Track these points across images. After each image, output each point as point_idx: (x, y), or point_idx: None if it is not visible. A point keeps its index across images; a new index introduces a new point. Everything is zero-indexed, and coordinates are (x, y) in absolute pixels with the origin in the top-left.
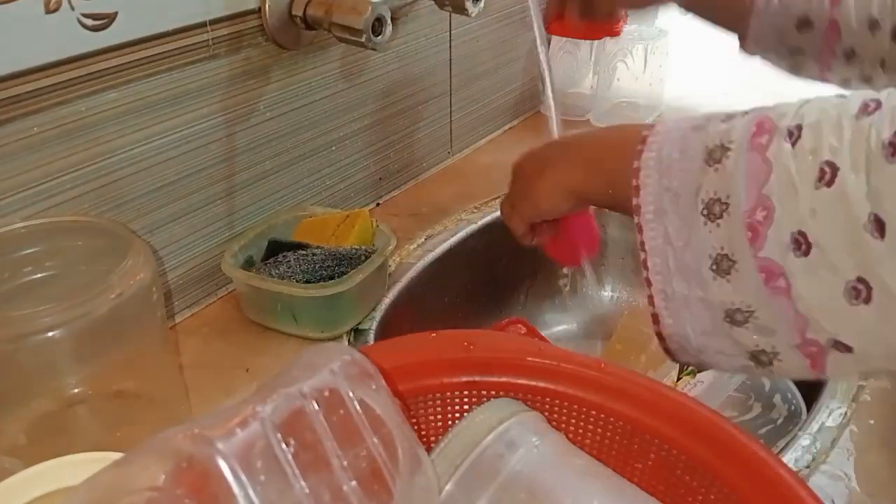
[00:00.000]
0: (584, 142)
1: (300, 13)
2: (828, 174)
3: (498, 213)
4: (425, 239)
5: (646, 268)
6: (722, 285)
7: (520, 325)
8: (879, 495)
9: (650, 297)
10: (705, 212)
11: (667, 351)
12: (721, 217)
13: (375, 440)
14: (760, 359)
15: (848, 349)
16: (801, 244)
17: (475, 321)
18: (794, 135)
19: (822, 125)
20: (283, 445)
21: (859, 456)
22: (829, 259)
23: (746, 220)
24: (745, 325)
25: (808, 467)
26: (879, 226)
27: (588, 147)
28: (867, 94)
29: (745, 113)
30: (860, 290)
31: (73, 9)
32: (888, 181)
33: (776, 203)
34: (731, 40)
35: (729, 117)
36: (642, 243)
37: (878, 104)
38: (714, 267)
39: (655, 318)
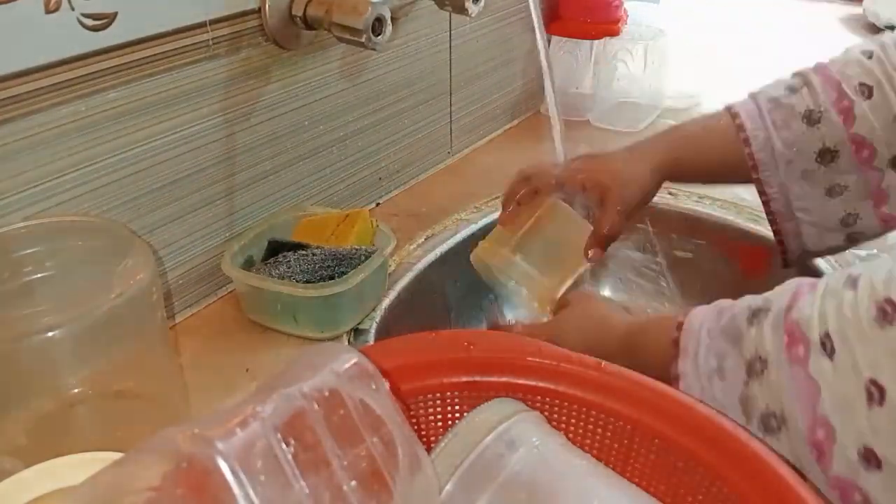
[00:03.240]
0: (614, 343)
1: (300, 13)
2: (876, 395)
3: (497, 213)
4: (425, 239)
5: None
6: None
7: None
8: None
9: None
10: (761, 426)
11: None
12: (780, 431)
13: (375, 440)
14: None
15: None
16: (871, 459)
17: (475, 321)
18: (828, 346)
19: (849, 334)
20: (283, 445)
21: None
22: None
23: (808, 438)
24: None
25: None
26: None
27: (626, 346)
28: (874, 287)
29: (768, 310)
30: None
31: (73, 9)
32: None
33: (834, 423)
34: (729, 41)
35: (754, 315)
36: None
37: (894, 306)
38: None
39: None
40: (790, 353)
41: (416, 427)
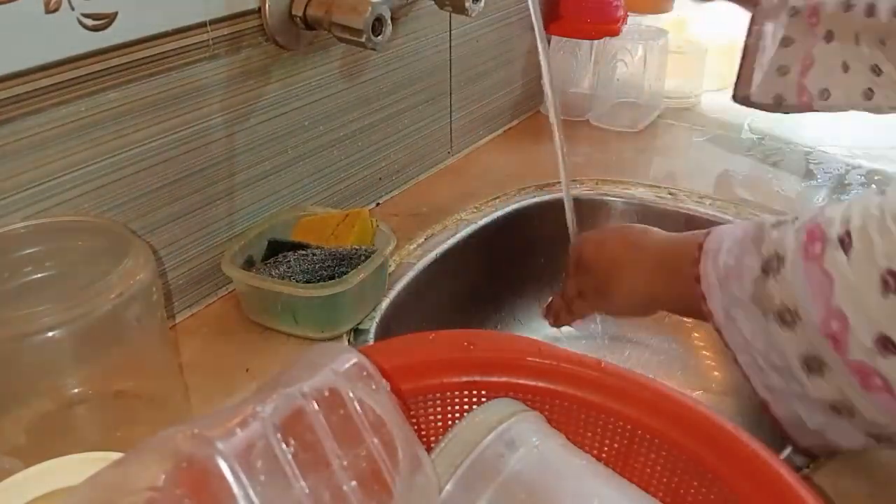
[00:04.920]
0: (650, 249)
1: (300, 13)
2: (892, 284)
3: (498, 213)
4: (425, 239)
5: (738, 363)
6: (818, 383)
7: None
8: (880, 495)
9: (753, 389)
10: (777, 319)
11: (787, 438)
12: (795, 324)
13: (375, 440)
14: (880, 437)
15: None
16: (888, 344)
17: (475, 321)
18: (846, 242)
19: (870, 229)
20: (283, 445)
21: (860, 455)
22: None
23: (823, 330)
24: (853, 417)
25: (808, 467)
26: None
27: (655, 256)
28: None
29: (795, 219)
30: None
31: (73, 9)
32: None
33: (848, 313)
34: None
35: (779, 223)
36: (726, 344)
37: None
38: (805, 368)
39: (765, 406)
40: (806, 251)
41: (416, 427)
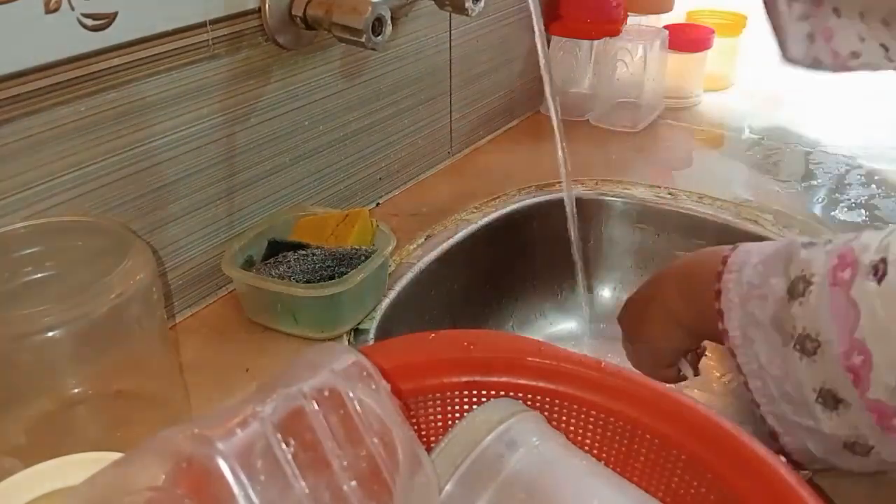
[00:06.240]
0: (674, 269)
1: (300, 13)
2: None
3: (498, 213)
4: (425, 239)
5: (748, 389)
6: (833, 419)
7: None
8: (880, 495)
9: (761, 416)
10: (798, 347)
11: (793, 463)
12: (815, 354)
13: (375, 440)
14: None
15: None
16: None
17: (475, 321)
18: (880, 271)
19: None
20: (283, 445)
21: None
22: None
23: (844, 362)
24: (868, 455)
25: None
26: None
27: (677, 274)
28: None
29: (829, 241)
30: None
31: (73, 9)
32: None
33: (872, 348)
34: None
35: (811, 243)
36: (738, 366)
37: None
38: (821, 401)
39: (774, 435)
40: (834, 276)
41: (416, 427)
